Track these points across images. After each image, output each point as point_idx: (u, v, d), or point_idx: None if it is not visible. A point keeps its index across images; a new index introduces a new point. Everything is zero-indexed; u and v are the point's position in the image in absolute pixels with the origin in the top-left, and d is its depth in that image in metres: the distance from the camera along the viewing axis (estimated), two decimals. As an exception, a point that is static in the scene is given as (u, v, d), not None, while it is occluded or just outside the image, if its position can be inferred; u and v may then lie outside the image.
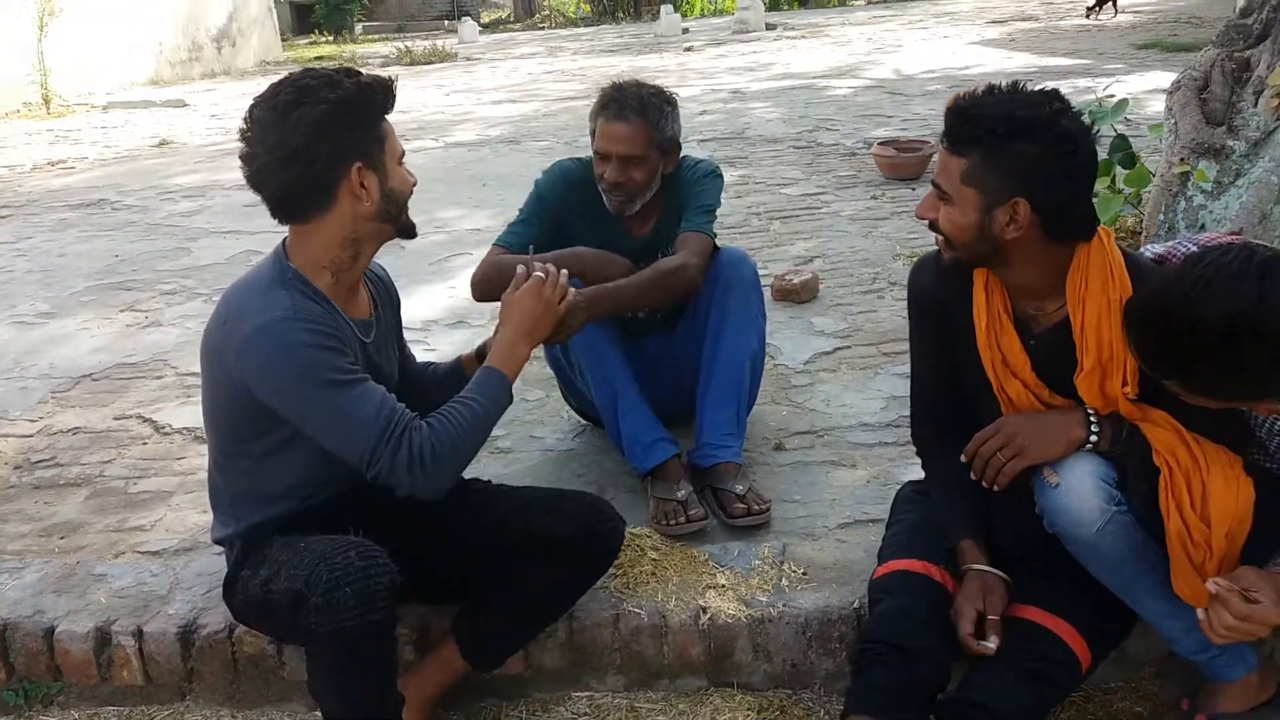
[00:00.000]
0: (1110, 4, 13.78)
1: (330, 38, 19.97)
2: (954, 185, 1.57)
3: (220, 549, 1.91)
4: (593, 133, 2.36)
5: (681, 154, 2.46)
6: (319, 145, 1.61)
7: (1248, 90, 3.16)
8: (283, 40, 18.76)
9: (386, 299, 1.96)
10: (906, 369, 2.91)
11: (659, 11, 17.14)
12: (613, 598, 1.99)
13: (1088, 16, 13.82)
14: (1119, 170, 3.92)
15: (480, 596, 1.89)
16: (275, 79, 1.71)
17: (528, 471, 2.54)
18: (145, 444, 2.91)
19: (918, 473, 2.33)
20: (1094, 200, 3.44)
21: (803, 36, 14.31)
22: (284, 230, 1.76)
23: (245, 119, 1.67)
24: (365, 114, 1.68)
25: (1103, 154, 4.15)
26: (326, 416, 1.64)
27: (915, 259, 3.84)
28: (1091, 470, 1.57)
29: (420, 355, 3.36)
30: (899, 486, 2.05)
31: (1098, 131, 1.82)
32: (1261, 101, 3.10)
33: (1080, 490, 1.56)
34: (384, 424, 1.63)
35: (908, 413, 2.64)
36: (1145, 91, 6.74)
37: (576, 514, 1.86)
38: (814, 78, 9.53)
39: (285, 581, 1.64)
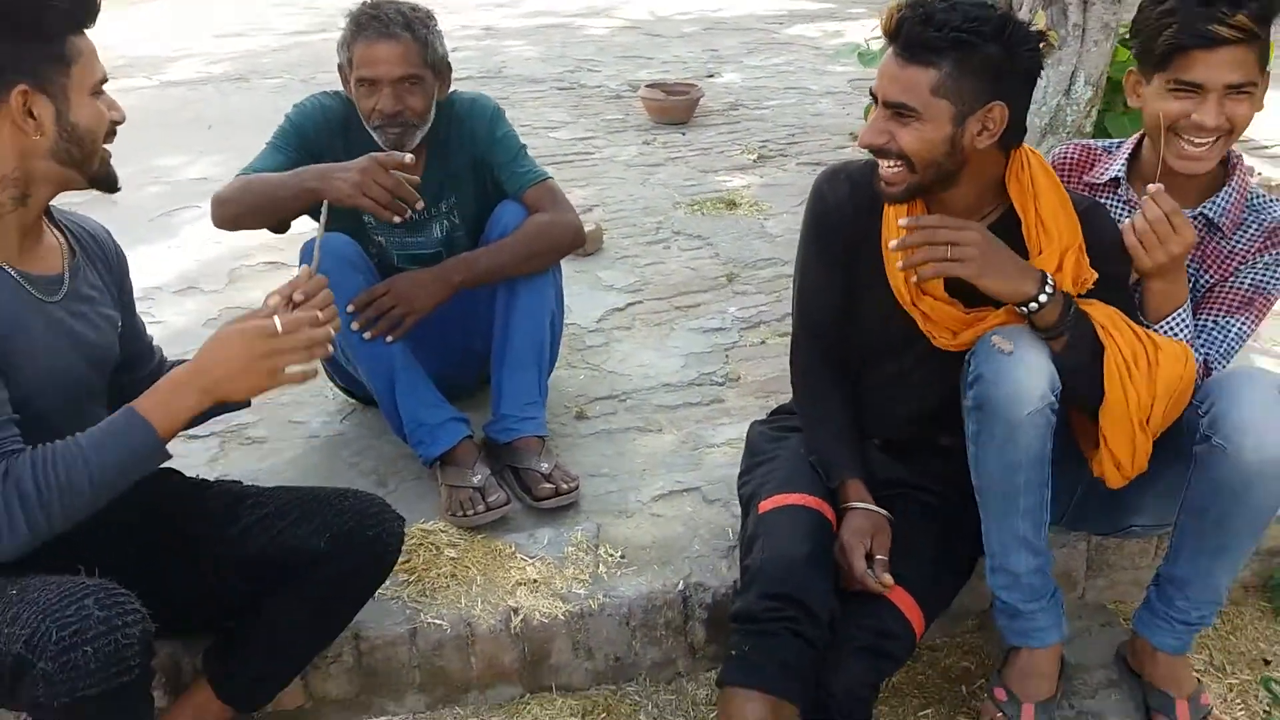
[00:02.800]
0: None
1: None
2: (923, 99, 1.43)
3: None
4: (349, 63, 2.01)
5: (450, 91, 2.16)
6: None
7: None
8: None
9: (98, 258, 1.55)
10: (702, 324, 2.82)
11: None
12: (407, 608, 1.71)
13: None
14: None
15: (231, 627, 1.55)
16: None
17: (289, 465, 2.17)
18: None
19: (728, 434, 2.23)
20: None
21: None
22: None
23: None
24: (38, 25, 1.29)
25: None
26: None
27: (696, 206, 3.80)
28: (1045, 353, 1.47)
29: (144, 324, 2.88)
30: (711, 450, 1.92)
31: None
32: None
33: (1032, 365, 1.45)
34: None
35: (708, 370, 2.55)
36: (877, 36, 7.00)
37: (335, 520, 1.51)
38: (569, 16, 9.23)
39: None
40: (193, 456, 2.20)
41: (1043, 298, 1.45)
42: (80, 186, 1.41)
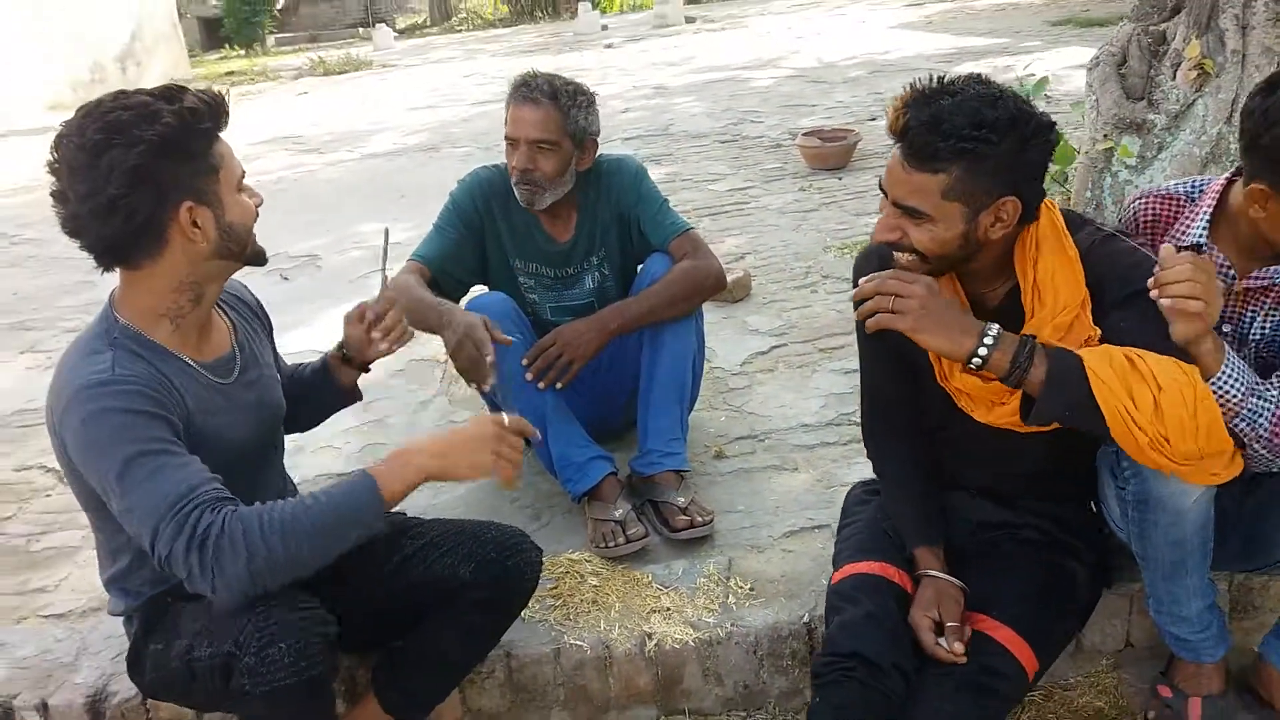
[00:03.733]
0: (1021, -18, 14.00)
1: (241, 52, 19.43)
2: (934, 204, 1.42)
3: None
4: (506, 123, 2.27)
5: (597, 154, 2.37)
6: (139, 193, 1.43)
7: (1165, 63, 3.17)
8: (192, 56, 18.19)
9: (253, 321, 1.79)
10: (844, 365, 2.90)
11: (577, 9, 17.00)
12: (553, 630, 1.88)
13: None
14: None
15: (394, 645, 1.77)
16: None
17: (458, 501, 2.42)
18: (49, 496, 2.72)
19: (862, 472, 2.29)
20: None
21: (722, 28, 14.30)
22: None
23: (52, 151, 1.46)
24: (191, 146, 1.46)
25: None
26: (125, 492, 1.40)
27: (846, 249, 3.87)
28: None
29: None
30: (844, 489, 1.98)
31: None
32: (1179, 74, 3.11)
33: None
34: (175, 500, 1.38)
35: (847, 410, 2.63)
36: (1065, 68, 6.82)
37: (479, 551, 1.71)
38: (736, 69, 9.50)
39: (209, 647, 1.49)
40: (377, 492, 2.48)
41: (982, 350, 1.42)
42: (238, 269, 1.63)
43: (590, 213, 2.36)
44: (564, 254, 2.38)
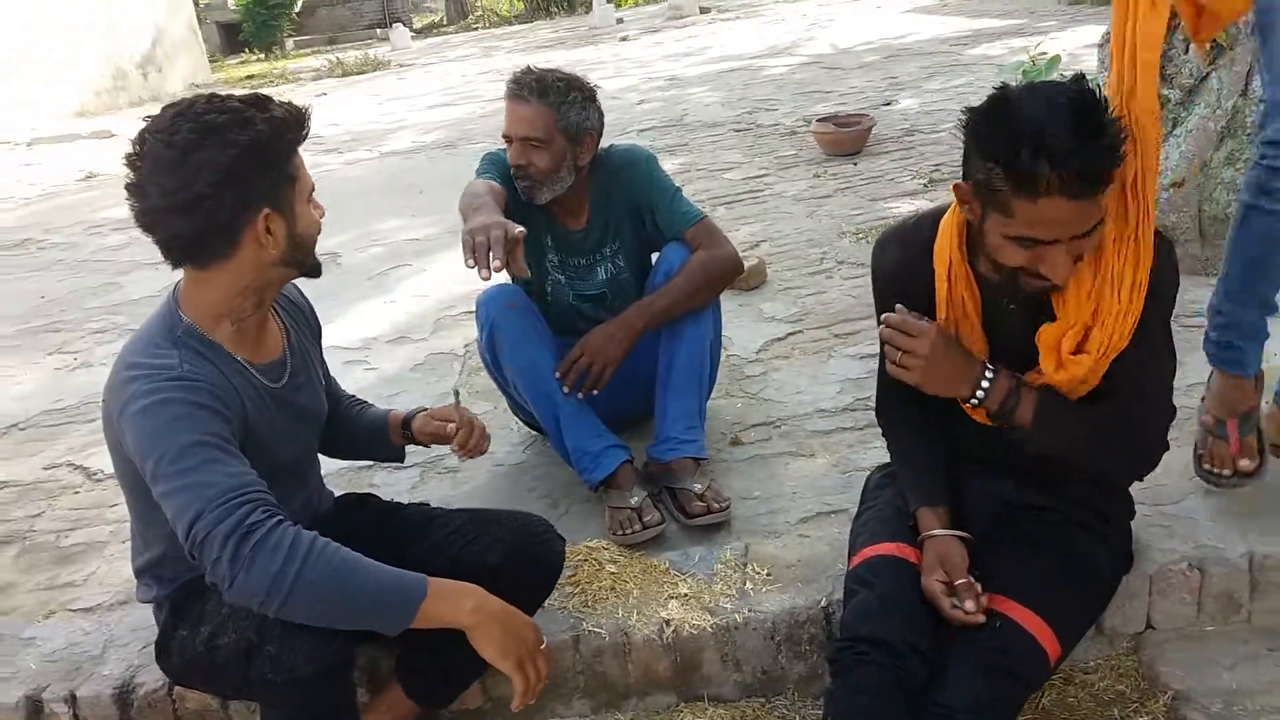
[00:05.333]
0: (1038, -37, 13.88)
1: (260, 55, 19.59)
2: (1100, 209, 1.40)
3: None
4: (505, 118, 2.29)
5: (608, 146, 2.38)
6: (225, 194, 1.46)
7: (1178, 37, 3.12)
8: (212, 61, 18.34)
9: (304, 326, 1.83)
10: (860, 350, 2.89)
11: (592, 4, 16.99)
12: (571, 618, 1.89)
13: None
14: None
15: (419, 633, 1.79)
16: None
17: (477, 491, 2.43)
18: (77, 493, 2.77)
19: (879, 457, 2.28)
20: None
21: (737, 18, 14.24)
22: None
23: (135, 145, 1.50)
24: (278, 154, 1.50)
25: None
26: (177, 474, 1.41)
27: (862, 234, 3.84)
28: None
29: (360, 375, 3.29)
30: (862, 474, 1.98)
31: None
32: (1192, 49, 3.07)
33: None
34: (228, 490, 1.39)
35: (864, 395, 2.62)
36: (1083, 46, 6.73)
37: (506, 537, 1.74)
38: (751, 58, 9.46)
39: (232, 634, 1.53)
40: (398, 484, 2.51)
41: (979, 394, 1.54)
42: (295, 278, 1.67)
43: (603, 205, 2.36)
44: (577, 244, 2.39)
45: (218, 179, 1.44)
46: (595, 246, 2.40)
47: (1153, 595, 1.80)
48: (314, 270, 1.65)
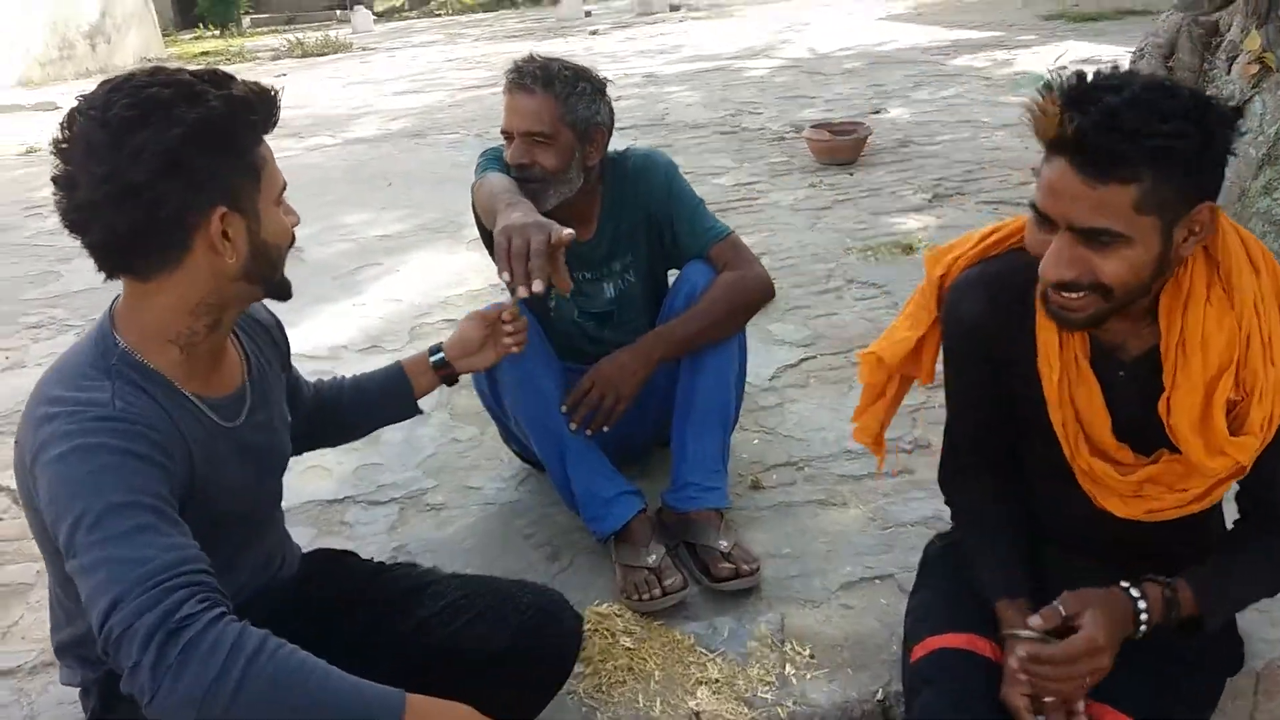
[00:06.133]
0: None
1: (216, 32, 18.91)
2: (1128, 220, 1.16)
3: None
4: (503, 112, 2.01)
5: (623, 149, 2.12)
6: (169, 184, 1.17)
7: (1220, 56, 2.95)
8: (165, 35, 17.63)
9: (269, 349, 1.52)
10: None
11: (561, -6, 16.65)
12: (583, 705, 1.63)
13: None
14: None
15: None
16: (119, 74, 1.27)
17: (465, 532, 2.16)
18: (0, 519, 2.43)
19: (919, 510, 2.06)
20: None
21: (708, 17, 14.03)
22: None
23: (64, 126, 1.20)
24: (236, 139, 1.22)
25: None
26: (96, 543, 1.10)
27: (870, 251, 3.61)
28: None
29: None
30: (903, 531, 1.75)
31: None
32: (1236, 68, 2.89)
33: None
34: (160, 568, 1.09)
35: (892, 436, 2.36)
36: (1076, 61, 6.61)
37: (512, 617, 1.44)
38: (728, 59, 9.24)
39: None
40: (375, 523, 2.22)
41: (1142, 627, 1.32)
42: (259, 299, 1.38)
43: (614, 213, 2.10)
44: (583, 257, 2.12)
45: (159, 165, 1.16)
46: (604, 260, 2.13)
47: (1258, 695, 1.59)
48: (281, 290, 1.36)
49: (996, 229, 1.48)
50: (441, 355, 1.73)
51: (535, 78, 1.93)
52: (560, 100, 1.93)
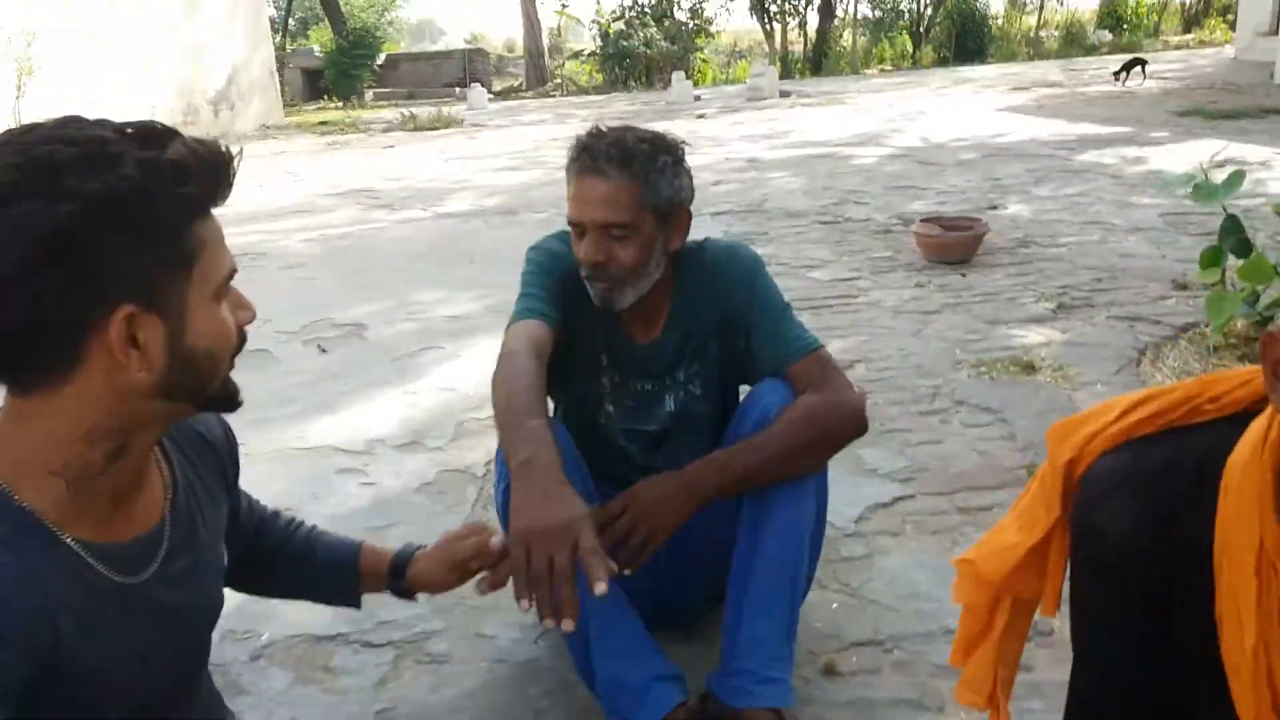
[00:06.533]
0: (1139, 70, 13.46)
1: (339, 104, 19.69)
2: None
3: None
4: (569, 200, 1.67)
5: (701, 239, 1.77)
6: (51, 276, 0.88)
7: None
8: (291, 105, 18.42)
9: (211, 474, 1.20)
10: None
11: (670, 79, 16.77)
12: None
13: (1115, 81, 13.51)
14: (1231, 260, 3.20)
15: None
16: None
17: (466, 698, 1.77)
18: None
19: (1042, 728, 1.59)
20: (1205, 299, 2.66)
21: (819, 104, 13.84)
22: None
23: None
24: (156, 218, 0.92)
25: (1210, 239, 3.47)
26: None
27: (983, 368, 3.13)
28: None
29: (351, 492, 2.66)
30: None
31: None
32: None
33: None
34: None
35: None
36: (1227, 161, 6.05)
37: None
38: (835, 145, 8.93)
39: None
40: (364, 672, 1.86)
41: None
42: (193, 413, 1.08)
43: (687, 311, 1.74)
44: (643, 360, 1.76)
45: (38, 251, 0.86)
46: (668, 368, 1.77)
47: None
48: (225, 402, 1.05)
49: (1149, 397, 1.04)
50: (402, 581, 1.45)
51: (610, 158, 1.59)
52: (641, 181, 1.59)
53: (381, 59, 22.20)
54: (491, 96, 19.38)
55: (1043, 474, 1.10)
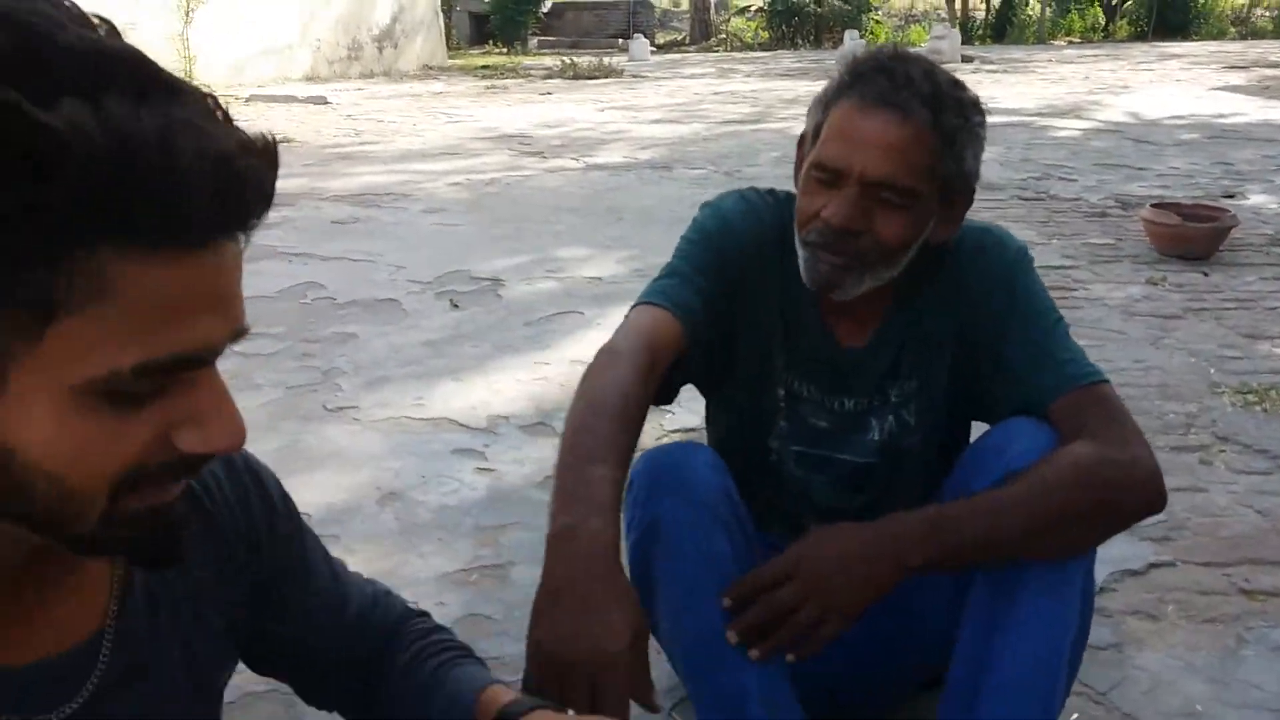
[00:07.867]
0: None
1: (504, 49, 19.66)
2: None
3: None
4: (815, 131, 1.19)
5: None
6: None
7: None
8: (457, 48, 18.46)
9: (206, 557, 0.77)
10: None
11: (843, 38, 15.88)
12: None
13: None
14: None
15: None
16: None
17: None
18: None
19: None
20: None
21: (1005, 71, 12.76)
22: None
23: None
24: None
25: None
26: None
27: (1253, 397, 2.48)
28: None
29: (467, 479, 2.27)
30: None
31: None
32: None
33: None
34: None
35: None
36: None
37: None
38: (1029, 115, 8.07)
39: None
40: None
41: None
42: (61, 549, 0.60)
43: (912, 313, 1.27)
44: (845, 370, 1.28)
45: None
46: (878, 384, 1.29)
47: None
48: (119, 547, 0.60)
49: None
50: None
51: (917, 92, 1.12)
52: (944, 137, 1.13)
53: (547, 6, 22.07)
54: (654, 49, 18.93)
55: None
